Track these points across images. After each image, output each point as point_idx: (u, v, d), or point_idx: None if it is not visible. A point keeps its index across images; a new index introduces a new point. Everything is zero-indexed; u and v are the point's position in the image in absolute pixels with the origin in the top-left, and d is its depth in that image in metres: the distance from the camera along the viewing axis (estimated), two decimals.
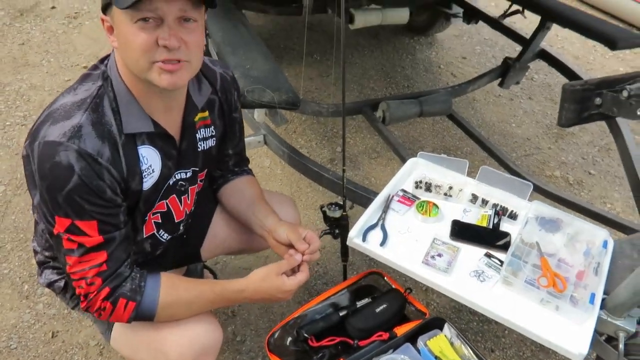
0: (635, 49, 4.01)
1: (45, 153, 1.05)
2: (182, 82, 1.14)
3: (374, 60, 3.74)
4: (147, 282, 1.18)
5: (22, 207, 2.36)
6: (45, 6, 3.95)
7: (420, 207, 1.56)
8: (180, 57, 1.09)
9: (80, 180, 1.05)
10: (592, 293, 1.29)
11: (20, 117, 2.87)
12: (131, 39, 1.05)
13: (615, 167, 2.98)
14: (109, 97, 1.13)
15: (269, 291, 1.27)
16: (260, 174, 2.66)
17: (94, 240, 1.11)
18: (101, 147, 1.09)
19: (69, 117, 1.07)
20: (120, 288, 1.15)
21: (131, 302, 1.15)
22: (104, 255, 1.13)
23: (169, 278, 1.22)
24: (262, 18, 3.98)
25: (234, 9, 2.39)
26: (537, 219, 1.51)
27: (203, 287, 1.25)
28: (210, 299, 1.25)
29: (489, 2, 4.29)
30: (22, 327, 1.90)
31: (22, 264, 2.12)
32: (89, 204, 1.08)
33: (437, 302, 2.10)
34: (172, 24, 1.06)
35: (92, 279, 1.12)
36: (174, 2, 1.04)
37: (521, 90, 3.57)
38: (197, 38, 1.12)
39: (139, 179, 1.20)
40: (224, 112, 1.42)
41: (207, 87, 1.34)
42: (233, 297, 1.28)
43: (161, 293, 1.18)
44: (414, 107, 2.48)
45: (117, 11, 1.05)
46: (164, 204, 1.35)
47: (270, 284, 1.27)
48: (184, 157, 1.31)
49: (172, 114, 1.25)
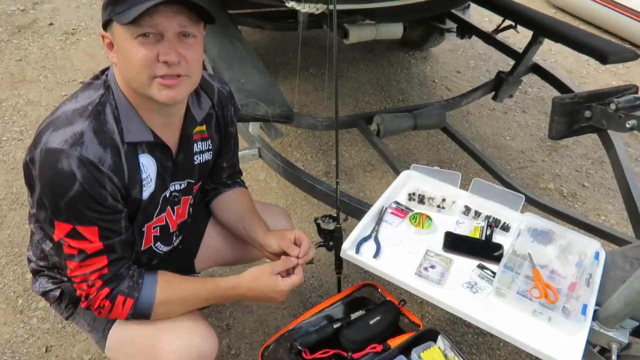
0: (627, 63, 4.06)
1: (47, 159, 1.06)
2: (182, 96, 1.16)
3: (369, 74, 3.77)
4: (144, 280, 1.21)
5: (17, 221, 2.36)
6: (43, 23, 3.98)
7: (413, 219, 1.57)
8: (179, 72, 1.10)
9: (82, 187, 1.06)
10: (584, 304, 1.29)
11: (16, 133, 2.88)
12: (131, 54, 1.07)
13: (608, 179, 3.00)
14: (110, 105, 1.14)
15: (262, 290, 1.29)
16: (256, 187, 2.67)
17: (94, 247, 1.13)
18: (103, 154, 1.10)
19: (70, 124, 1.09)
20: (119, 286, 1.17)
21: (129, 299, 1.18)
22: (104, 260, 1.15)
23: (164, 276, 1.25)
24: (259, 34, 4.02)
25: (230, 24, 2.41)
26: (529, 231, 1.52)
27: (197, 284, 1.28)
28: (204, 295, 1.27)
29: (483, 17, 4.34)
30: (15, 342, 1.89)
31: (16, 279, 2.11)
32: (90, 210, 1.09)
33: (432, 315, 2.10)
34: (172, 39, 1.08)
35: (93, 281, 1.15)
36: (174, 18, 1.06)
37: (515, 104, 3.60)
38: (196, 53, 1.14)
39: (139, 188, 1.21)
40: (220, 127, 1.43)
41: (207, 102, 1.36)
42: (226, 293, 1.30)
43: (157, 290, 1.21)
44: (408, 121, 2.50)
45: (117, 27, 1.07)
46: (163, 218, 1.36)
47: (264, 283, 1.28)
48: (179, 169, 1.32)
49: (170, 128, 1.26)
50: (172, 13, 1.06)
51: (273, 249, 1.41)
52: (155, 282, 1.22)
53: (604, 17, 4.74)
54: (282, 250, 1.39)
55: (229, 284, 1.29)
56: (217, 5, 2.53)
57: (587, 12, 4.92)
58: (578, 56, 4.23)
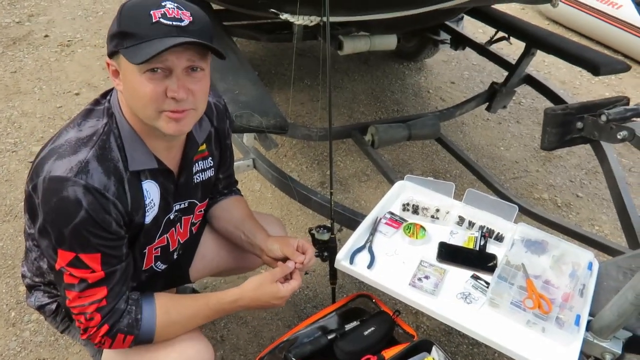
0: (620, 74, 4.10)
1: (51, 188, 1.05)
2: (188, 128, 1.17)
3: (364, 85, 3.79)
4: (143, 314, 1.19)
5: (10, 233, 2.35)
6: (38, 35, 3.99)
7: (407, 229, 1.57)
8: (187, 107, 1.11)
9: (88, 214, 1.06)
10: (578, 315, 1.29)
11: (10, 144, 2.87)
12: (139, 89, 1.07)
13: (602, 189, 3.01)
14: (114, 134, 1.14)
15: (264, 298, 1.29)
16: (251, 197, 2.67)
17: (96, 276, 1.12)
18: (107, 182, 1.10)
19: (75, 153, 1.08)
20: (118, 324, 1.15)
21: (129, 336, 1.17)
22: (104, 291, 1.13)
23: (163, 304, 1.22)
24: (254, 44, 4.04)
25: (225, 36, 2.42)
26: (523, 241, 1.53)
27: (198, 304, 1.26)
28: (206, 315, 1.27)
29: (476, 28, 4.38)
30: (8, 355, 1.88)
31: (9, 291, 2.10)
32: (95, 237, 1.09)
33: (427, 325, 2.09)
34: (181, 74, 1.08)
35: (91, 314, 1.13)
36: (183, 54, 1.06)
37: (509, 114, 3.62)
38: (203, 87, 1.14)
39: (142, 213, 1.21)
40: (219, 141, 1.44)
41: (207, 123, 1.36)
42: (229, 307, 1.29)
43: (157, 322, 1.20)
44: (402, 131, 2.51)
45: (123, 59, 1.06)
46: (165, 239, 1.37)
47: (265, 291, 1.28)
48: (180, 191, 1.33)
49: (173, 150, 1.27)
50: (182, 49, 1.05)
51: (275, 254, 1.41)
52: (154, 314, 1.20)
53: (596, 28, 4.79)
54: (284, 256, 1.39)
55: (231, 297, 1.27)
56: (212, 16, 2.55)
57: (579, 24, 4.97)
58: (571, 67, 4.26)
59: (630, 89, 4.23)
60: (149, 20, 1.03)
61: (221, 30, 2.46)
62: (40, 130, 2.99)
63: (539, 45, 2.75)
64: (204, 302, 1.26)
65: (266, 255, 1.45)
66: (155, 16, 1.03)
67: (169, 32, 1.03)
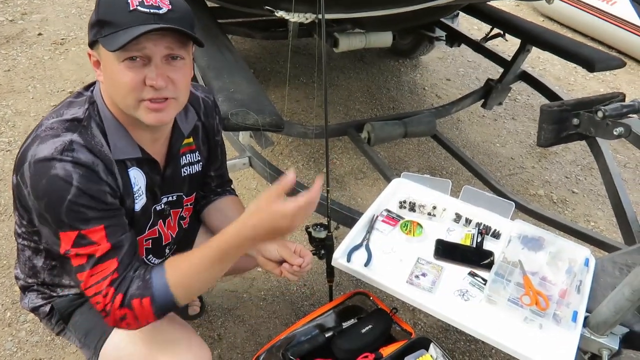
0: (615, 71, 4.11)
1: (38, 171, 1.04)
2: (169, 118, 1.15)
3: (360, 82, 3.78)
4: (152, 273, 1.11)
5: (5, 233, 2.33)
6: (32, 33, 3.96)
7: (404, 226, 1.57)
8: (167, 95, 1.09)
9: (79, 188, 1.04)
10: (575, 311, 1.30)
11: (4, 143, 2.86)
12: (118, 78, 1.06)
13: (598, 185, 3.02)
14: (95, 121, 1.13)
15: (267, 222, 1.08)
16: (247, 195, 2.66)
17: (103, 248, 1.07)
18: (95, 160, 1.08)
19: (58, 135, 1.07)
20: (129, 290, 1.09)
21: (145, 299, 1.09)
22: (114, 263, 1.08)
23: (169, 261, 1.15)
24: (249, 42, 4.02)
25: (220, 33, 2.41)
26: (520, 238, 1.53)
27: (202, 251, 1.13)
28: (214, 255, 1.12)
29: (472, 25, 4.38)
30: (3, 356, 1.87)
31: (4, 291, 2.09)
32: (92, 209, 1.06)
33: (425, 322, 2.09)
34: (159, 62, 1.07)
35: (106, 289, 1.08)
36: (161, 41, 1.05)
37: (505, 111, 3.63)
38: (184, 75, 1.12)
39: (132, 200, 1.20)
40: (207, 137, 1.43)
41: (193, 115, 1.35)
42: (235, 242, 1.11)
43: (167, 275, 1.11)
44: (398, 128, 2.51)
45: (104, 49, 1.06)
46: (156, 230, 1.35)
47: (267, 212, 1.07)
48: (167, 183, 1.32)
49: (158, 142, 1.26)
50: (159, 36, 1.04)
51: (272, 254, 1.36)
52: (163, 270, 1.12)
53: (591, 25, 4.80)
54: (280, 258, 1.35)
55: (232, 230, 1.11)
56: (207, 14, 2.54)
57: (574, 20, 4.99)
58: (566, 64, 4.28)
59: (625, 85, 4.25)
60: (126, 8, 1.02)
61: (216, 28, 2.45)
62: (33, 128, 2.97)
63: (535, 42, 2.75)
64: (207, 245, 1.12)
65: (262, 256, 1.40)
66: (133, 4, 1.03)
67: (147, 19, 1.03)
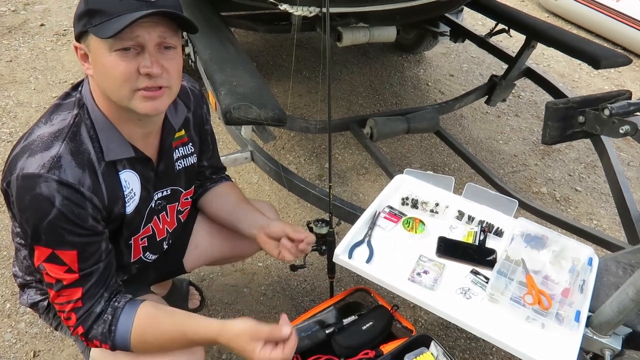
0: (620, 68, 4.09)
1: (24, 186, 1.04)
2: (164, 107, 1.15)
3: (363, 77, 3.76)
4: (117, 326, 1.13)
5: (5, 224, 2.33)
6: (34, 24, 3.95)
7: (406, 223, 1.56)
8: (161, 84, 1.09)
9: (61, 211, 1.04)
10: (578, 311, 1.28)
11: (6, 134, 2.85)
12: (111, 69, 1.05)
13: (601, 183, 3.01)
14: (86, 125, 1.12)
15: (237, 350, 1.13)
16: (249, 190, 2.65)
17: (71, 278, 1.10)
18: (82, 175, 1.08)
19: (47, 148, 1.06)
20: (92, 330, 1.13)
21: (104, 344, 1.15)
22: (79, 292, 1.11)
23: (140, 322, 1.15)
24: (252, 35, 4.00)
25: (223, 26, 2.39)
26: (522, 236, 1.52)
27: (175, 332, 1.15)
28: (182, 344, 1.17)
29: (476, 20, 4.36)
30: (3, 347, 1.87)
31: (4, 282, 2.08)
32: (70, 233, 1.07)
33: (425, 319, 2.09)
34: (153, 51, 1.06)
35: (68, 313, 1.13)
36: (154, 29, 1.05)
37: (508, 108, 3.61)
38: (176, 64, 1.12)
39: (122, 204, 1.19)
40: (198, 127, 1.42)
41: (183, 108, 1.34)
42: (205, 343, 1.18)
43: (132, 336, 1.14)
44: (401, 124, 2.49)
45: (94, 40, 1.04)
46: (150, 228, 1.35)
47: (241, 345, 1.11)
48: (161, 178, 1.31)
49: (150, 138, 1.25)
50: (152, 24, 1.04)
51: (276, 230, 1.39)
52: (128, 330, 1.13)
53: (596, 21, 4.77)
54: (282, 235, 1.38)
55: (209, 334, 1.15)
56: (210, 7, 2.52)
57: (579, 16, 4.95)
58: (570, 60, 4.25)
59: (630, 83, 4.22)
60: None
61: (219, 21, 2.43)
62: (36, 120, 2.94)
63: (540, 38, 2.73)
64: (181, 331, 1.15)
65: (264, 233, 1.40)
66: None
67: (139, 7, 1.02)
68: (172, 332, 1.16)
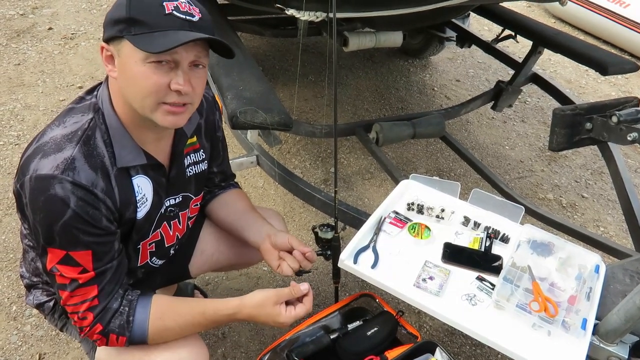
0: (627, 74, 4.07)
1: (38, 187, 1.03)
2: (184, 122, 1.16)
3: (369, 81, 3.77)
4: (135, 316, 1.16)
5: (12, 226, 2.34)
6: (42, 27, 3.98)
7: (412, 229, 1.55)
8: (187, 101, 1.11)
9: (75, 212, 1.04)
10: (584, 318, 1.28)
11: (13, 137, 2.87)
12: (142, 79, 1.05)
13: (608, 190, 2.99)
14: (100, 130, 1.12)
15: (261, 319, 1.21)
16: (254, 194, 2.65)
17: (86, 276, 1.10)
18: (95, 178, 1.08)
19: (60, 150, 1.06)
20: (110, 324, 1.14)
21: (121, 337, 1.15)
22: (95, 290, 1.12)
23: (158, 309, 1.18)
24: (258, 40, 4.02)
25: (230, 30, 2.40)
26: (529, 243, 1.51)
27: (193, 313, 1.19)
28: (202, 324, 1.21)
29: (482, 26, 4.35)
30: (8, 349, 1.87)
31: (10, 285, 2.09)
32: (85, 233, 1.07)
33: (430, 325, 2.08)
34: (186, 69, 1.08)
35: (83, 313, 1.12)
36: (192, 49, 1.07)
37: (514, 113, 3.60)
38: (203, 82, 1.15)
39: (133, 209, 1.20)
40: (209, 133, 1.43)
41: (196, 115, 1.35)
42: (225, 319, 1.22)
43: (150, 326, 1.17)
44: (407, 129, 2.49)
45: (127, 46, 1.04)
46: (159, 233, 1.35)
47: (266, 312, 1.19)
48: (172, 184, 1.32)
49: (161, 143, 1.25)
50: (192, 44, 1.05)
51: (281, 241, 1.38)
52: (147, 318, 1.16)
53: (603, 28, 4.76)
54: (287, 247, 1.37)
55: (229, 309, 1.20)
56: (217, 11, 2.53)
57: (586, 22, 4.94)
58: (577, 66, 4.24)
59: (637, 89, 4.21)
60: (161, 11, 1.03)
61: (226, 25, 2.44)
62: (43, 123, 2.98)
63: (547, 44, 2.72)
64: (200, 312, 1.19)
65: (269, 241, 1.40)
66: (169, 8, 1.03)
67: (182, 25, 1.04)
68: (191, 314, 1.19)
